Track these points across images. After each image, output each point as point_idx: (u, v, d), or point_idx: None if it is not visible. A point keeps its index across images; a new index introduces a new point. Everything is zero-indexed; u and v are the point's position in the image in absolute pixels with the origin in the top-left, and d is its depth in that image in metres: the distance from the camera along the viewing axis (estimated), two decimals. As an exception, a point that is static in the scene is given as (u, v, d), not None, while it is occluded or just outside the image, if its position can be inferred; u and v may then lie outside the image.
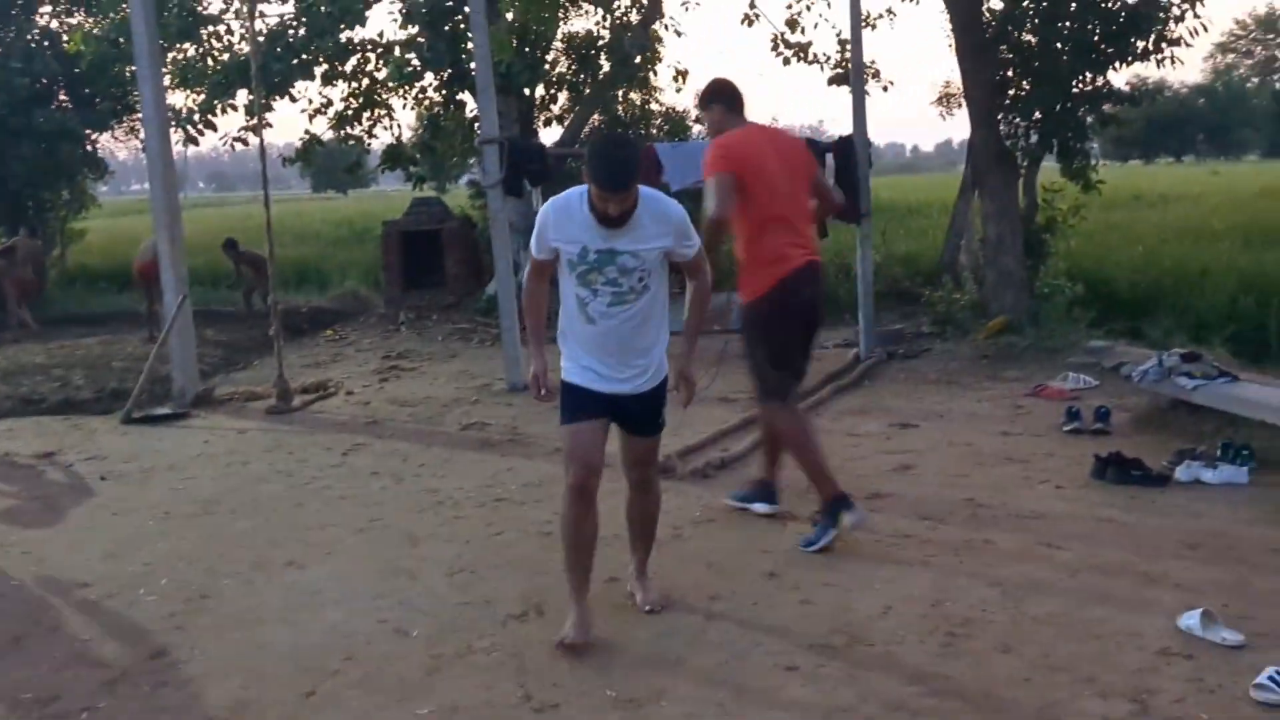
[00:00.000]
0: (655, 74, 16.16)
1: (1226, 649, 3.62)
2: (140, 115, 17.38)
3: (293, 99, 14.22)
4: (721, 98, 5.10)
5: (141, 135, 17.61)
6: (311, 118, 14.88)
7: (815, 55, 14.10)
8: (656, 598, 4.21)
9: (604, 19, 15.35)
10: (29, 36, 17.02)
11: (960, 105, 11.86)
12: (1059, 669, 3.56)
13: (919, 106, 18.56)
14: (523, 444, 7.06)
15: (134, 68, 9.63)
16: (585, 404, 3.90)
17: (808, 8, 13.98)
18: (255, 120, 10.33)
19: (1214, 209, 17.42)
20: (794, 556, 4.73)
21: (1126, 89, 10.67)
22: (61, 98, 17.50)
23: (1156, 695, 3.35)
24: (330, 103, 14.85)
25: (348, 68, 14.39)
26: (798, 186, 5.03)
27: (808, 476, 4.94)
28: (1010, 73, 10.43)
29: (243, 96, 13.51)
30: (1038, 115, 10.30)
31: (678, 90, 15.97)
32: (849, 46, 10.42)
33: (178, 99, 13.86)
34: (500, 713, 3.43)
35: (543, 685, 3.59)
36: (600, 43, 15.38)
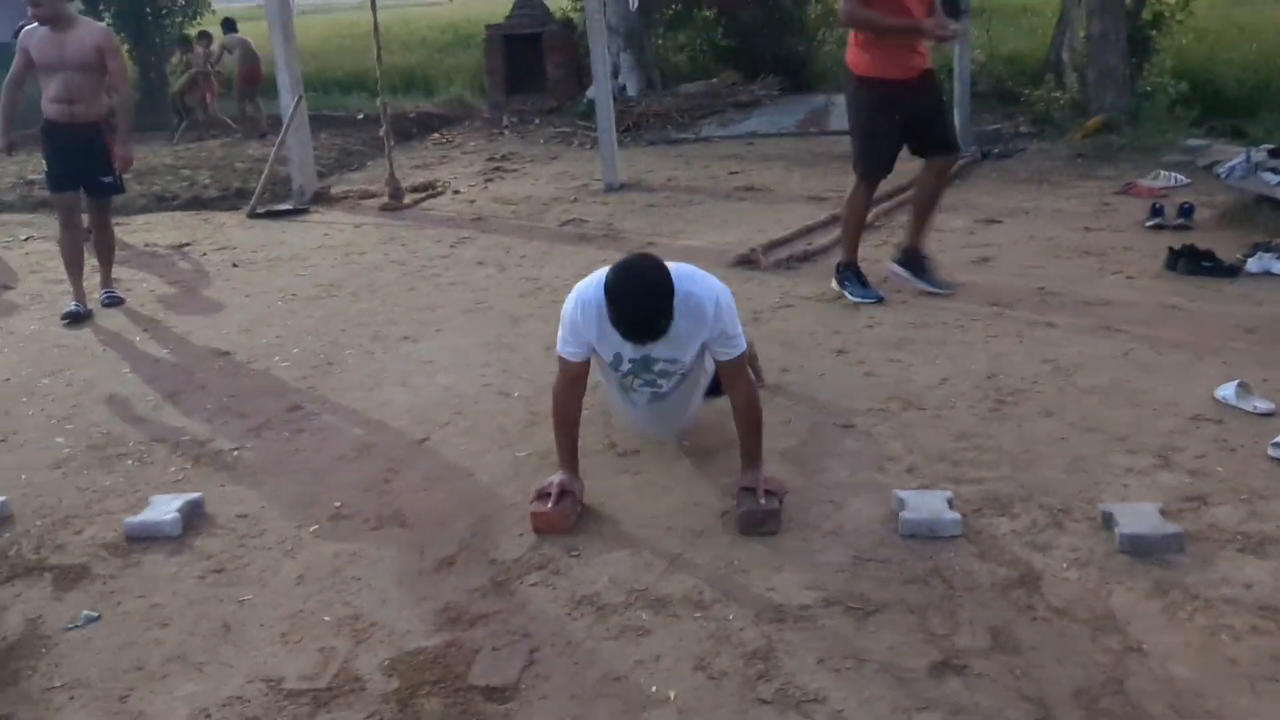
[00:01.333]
0: None
1: (1256, 415, 3.90)
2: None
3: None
4: None
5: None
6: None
7: None
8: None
9: None
10: None
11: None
12: (1094, 430, 3.89)
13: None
14: (616, 238, 7.44)
15: None
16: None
17: None
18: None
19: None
20: (864, 337, 5.08)
21: None
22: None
23: (1180, 452, 3.68)
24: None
25: None
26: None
27: (842, 234, 5.78)
28: None
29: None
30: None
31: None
32: None
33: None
34: (588, 456, 3.89)
35: (626, 436, 4.06)
36: None
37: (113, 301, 6.41)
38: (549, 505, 3.39)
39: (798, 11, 14.79)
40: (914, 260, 5.73)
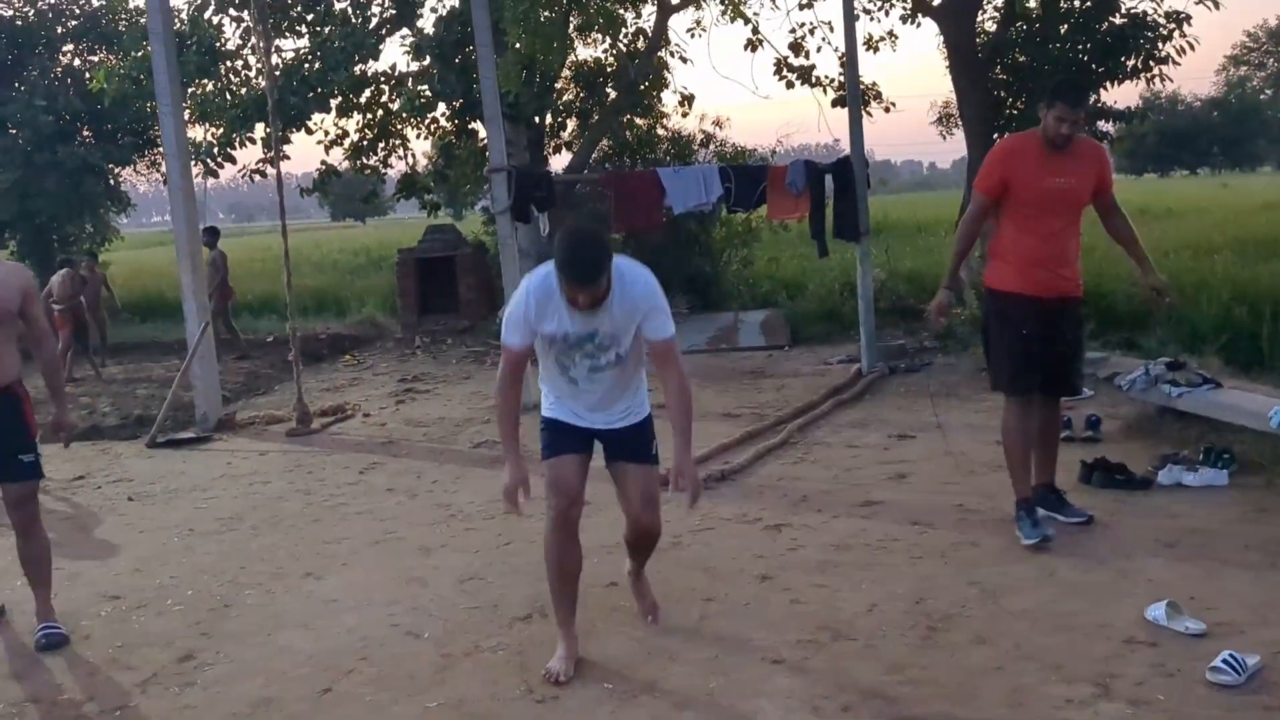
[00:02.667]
0: (661, 100, 16.50)
1: (1190, 637, 3.83)
2: (161, 149, 17.91)
3: (309, 131, 14.63)
4: None
5: (163, 169, 18.11)
6: (328, 149, 15.31)
7: (818, 78, 14.38)
8: (653, 603, 4.35)
9: (610, 48, 15.69)
10: (52, 75, 17.52)
11: (959, 125, 12.10)
12: (1029, 658, 3.77)
13: (933, 125, 18.83)
14: (531, 461, 7.27)
15: (155, 103, 9.99)
16: (566, 437, 3.98)
17: (810, 32, 14.30)
18: (273, 153, 10.67)
19: (1217, 223, 17.63)
20: (787, 561, 4.96)
21: (1120, 107, 10.90)
22: (85, 134, 17.97)
23: (1118, 679, 3.57)
24: (346, 134, 15.27)
25: (362, 100, 14.82)
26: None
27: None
28: (1004, 93, 10.68)
29: (260, 129, 13.90)
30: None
31: (683, 115, 16.21)
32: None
33: (197, 133, 14.25)
34: (504, 706, 3.67)
35: (544, 681, 3.82)
36: (608, 70, 15.73)
37: (53, 642, 4.48)
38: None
39: (702, 234, 15.28)
40: (1050, 497, 5.30)
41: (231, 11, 13.97)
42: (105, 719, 3.79)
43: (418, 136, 15.91)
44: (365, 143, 15.32)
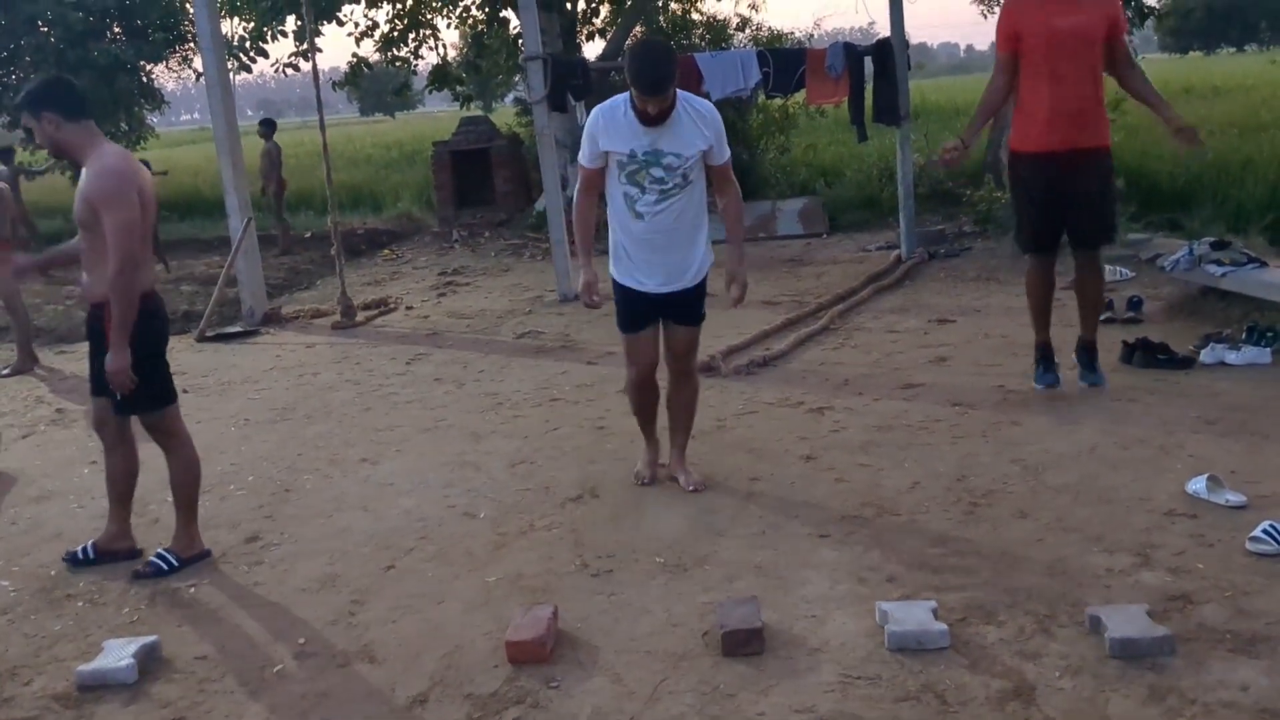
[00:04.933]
0: (697, -17, 16.16)
1: (1229, 509, 3.90)
2: (191, 45, 17.82)
3: (339, 23, 14.50)
4: None
5: (194, 64, 18.05)
6: (358, 41, 15.17)
7: (856, -43, 14.02)
8: (699, 479, 4.57)
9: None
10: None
11: (999, 2, 11.79)
12: (1071, 530, 3.86)
13: (972, 6, 18.34)
14: (574, 349, 7.41)
15: (187, -1, 9.93)
16: (638, 313, 4.41)
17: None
18: (305, 45, 10.61)
19: (1265, 100, 17.18)
20: (830, 442, 5.05)
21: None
22: (115, 30, 17.87)
23: (1159, 549, 3.65)
24: (376, 25, 15.10)
25: (392, -11, 14.60)
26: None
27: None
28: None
29: (291, 22, 13.79)
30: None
31: (718, -1, 15.96)
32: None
33: (229, 27, 14.16)
34: (560, 579, 3.81)
35: (598, 555, 3.97)
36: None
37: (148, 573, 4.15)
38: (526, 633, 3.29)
39: (739, 122, 15.08)
40: (1082, 351, 5.58)
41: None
42: (180, 595, 3.98)
43: (448, 26, 15.75)
44: (395, 34, 15.17)
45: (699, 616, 3.44)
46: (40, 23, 16.82)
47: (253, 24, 13.90)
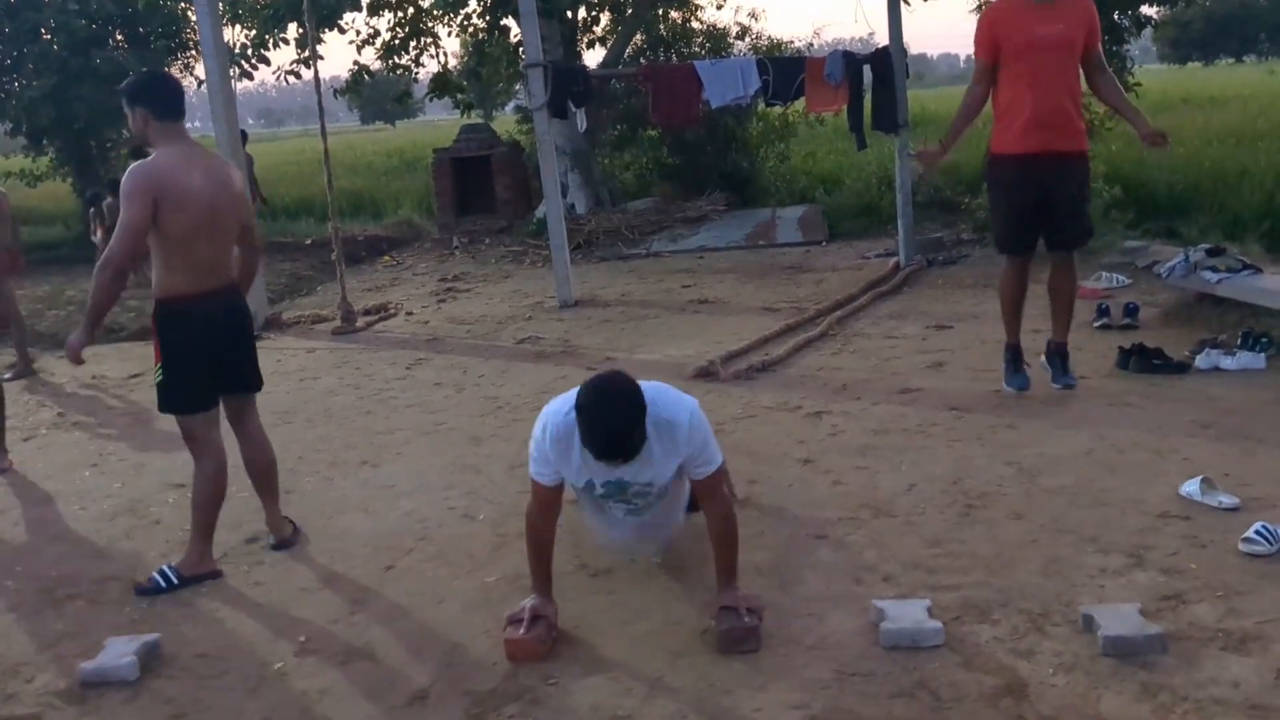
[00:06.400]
0: (696, -8, 16.26)
1: (1223, 511, 3.93)
2: (193, 53, 17.87)
3: (341, 30, 14.56)
4: None
5: (195, 71, 18.09)
6: (360, 49, 15.23)
7: (855, -32, 14.12)
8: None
9: (645, -62, 15.42)
10: (84, -22, 17.41)
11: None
12: (1065, 531, 3.90)
13: (972, 17, 18.45)
14: (574, 354, 7.45)
15: (185, 4, 9.96)
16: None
17: (848, -81, 13.97)
18: (307, 52, 10.66)
19: (1262, 110, 17.26)
20: (828, 445, 5.09)
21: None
22: (118, 38, 17.91)
23: (1152, 550, 3.69)
24: (377, 33, 15.16)
25: (393, -2, 14.66)
26: None
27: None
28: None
29: (293, 30, 13.84)
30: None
31: (718, 8, 16.06)
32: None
33: (230, 34, 14.21)
34: (560, 579, 3.81)
35: (596, 556, 4.00)
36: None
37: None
38: (522, 632, 3.30)
39: (739, 130, 15.16)
40: (1054, 354, 5.71)
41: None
42: (182, 595, 4.00)
43: (449, 34, 15.82)
44: (396, 41, 15.23)
45: (696, 615, 3.47)
46: (43, 30, 16.87)
47: (254, 31, 13.96)
